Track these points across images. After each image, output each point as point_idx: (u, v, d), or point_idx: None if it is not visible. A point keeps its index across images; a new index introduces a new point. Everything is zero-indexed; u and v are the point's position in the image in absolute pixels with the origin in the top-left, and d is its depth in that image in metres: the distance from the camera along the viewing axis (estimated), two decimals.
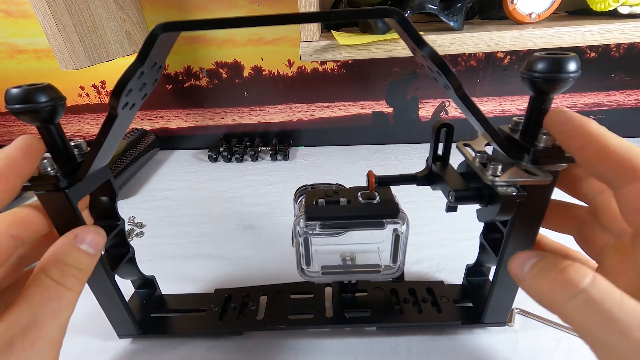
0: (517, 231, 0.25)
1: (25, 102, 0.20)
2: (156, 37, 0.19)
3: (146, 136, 0.71)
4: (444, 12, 0.44)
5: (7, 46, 0.67)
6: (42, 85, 0.21)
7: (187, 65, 0.68)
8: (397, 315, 0.31)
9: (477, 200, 0.24)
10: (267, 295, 0.35)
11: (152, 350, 0.32)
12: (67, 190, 0.22)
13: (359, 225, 0.27)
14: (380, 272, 0.30)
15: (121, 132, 0.24)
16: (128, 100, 0.21)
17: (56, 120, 0.22)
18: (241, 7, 0.60)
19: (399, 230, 0.27)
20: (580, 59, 0.19)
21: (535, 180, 0.21)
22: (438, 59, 0.20)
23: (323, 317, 0.32)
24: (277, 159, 0.69)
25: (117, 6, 0.56)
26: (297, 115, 0.72)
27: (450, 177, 0.25)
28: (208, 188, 0.60)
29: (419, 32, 0.19)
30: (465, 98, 0.20)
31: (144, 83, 0.22)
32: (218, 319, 0.32)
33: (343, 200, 0.27)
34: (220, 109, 0.72)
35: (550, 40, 0.42)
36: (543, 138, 0.21)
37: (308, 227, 0.27)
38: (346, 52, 0.44)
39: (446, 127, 0.26)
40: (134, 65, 0.19)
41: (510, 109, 0.67)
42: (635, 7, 0.43)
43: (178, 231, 0.49)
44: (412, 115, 0.69)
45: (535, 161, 0.21)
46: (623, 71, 0.62)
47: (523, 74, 0.20)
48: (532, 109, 0.21)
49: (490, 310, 0.30)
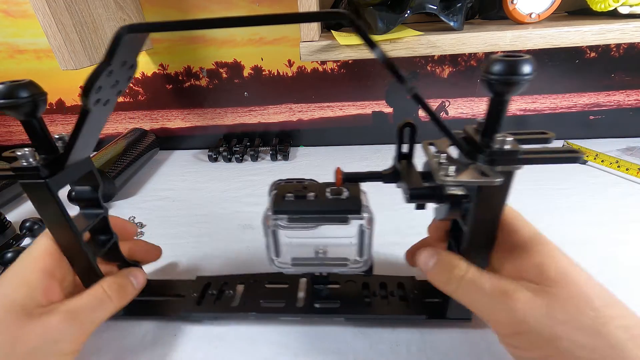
0: (475, 229, 0.25)
1: (7, 97, 0.22)
2: (121, 37, 0.20)
3: (146, 136, 0.71)
4: (444, 12, 0.44)
5: (7, 46, 0.67)
6: (24, 81, 0.23)
7: (187, 65, 0.68)
8: (366, 308, 0.33)
9: (431, 198, 0.25)
10: (244, 283, 0.36)
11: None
12: (48, 180, 0.24)
13: (323, 220, 0.29)
14: (348, 265, 0.31)
15: (98, 125, 0.26)
16: (100, 96, 0.23)
17: (38, 114, 0.24)
18: (241, 8, 0.60)
19: (364, 226, 0.28)
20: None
21: (484, 181, 0.21)
22: (387, 62, 0.20)
23: (294, 306, 0.33)
24: (277, 159, 0.69)
25: (117, 6, 0.56)
26: (297, 115, 0.72)
27: (409, 175, 0.26)
28: (208, 188, 0.60)
29: (370, 36, 0.19)
30: (418, 99, 0.21)
31: (116, 80, 0.23)
32: (196, 304, 0.34)
33: (310, 195, 0.28)
34: (220, 109, 0.72)
35: (550, 40, 0.42)
36: (498, 139, 0.21)
37: (275, 220, 0.29)
38: (346, 52, 0.44)
39: (409, 126, 0.27)
40: (102, 64, 0.21)
41: (510, 109, 0.66)
42: (635, 7, 0.43)
43: (178, 231, 0.49)
44: (412, 116, 0.69)
45: (490, 162, 0.22)
46: (623, 71, 0.62)
47: (481, 76, 0.20)
48: (489, 109, 0.22)
49: (454, 306, 0.30)
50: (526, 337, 0.22)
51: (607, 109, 0.65)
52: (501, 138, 0.21)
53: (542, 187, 0.53)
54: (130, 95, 0.72)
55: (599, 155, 0.56)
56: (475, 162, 0.22)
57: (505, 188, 0.23)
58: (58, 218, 0.26)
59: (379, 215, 0.28)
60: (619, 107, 0.65)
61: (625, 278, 0.36)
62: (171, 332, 0.33)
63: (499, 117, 0.21)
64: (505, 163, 0.21)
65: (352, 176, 0.28)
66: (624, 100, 0.64)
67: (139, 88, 0.71)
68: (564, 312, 0.21)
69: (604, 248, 0.40)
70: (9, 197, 0.57)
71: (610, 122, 0.66)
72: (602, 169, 0.56)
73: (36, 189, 0.24)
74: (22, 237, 0.48)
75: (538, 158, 0.22)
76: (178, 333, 0.33)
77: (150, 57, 0.67)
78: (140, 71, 0.69)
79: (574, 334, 0.20)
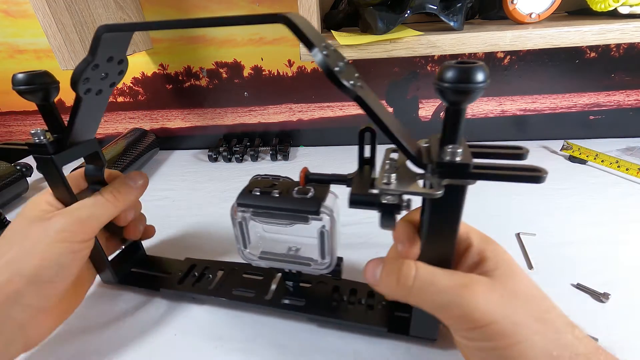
0: (429, 242, 0.24)
1: (27, 84, 0.27)
2: (100, 36, 0.23)
3: (146, 136, 0.71)
4: (444, 12, 0.44)
5: (7, 46, 0.67)
6: (40, 71, 0.28)
7: (187, 65, 0.68)
8: (329, 311, 0.33)
9: (370, 206, 0.23)
10: (225, 270, 0.39)
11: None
12: (53, 156, 0.29)
13: (285, 217, 0.29)
14: (311, 265, 0.32)
15: (96, 112, 0.30)
16: (90, 86, 0.26)
17: (51, 99, 0.29)
18: (241, 7, 0.60)
19: (324, 228, 0.28)
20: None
21: (422, 192, 0.20)
22: (324, 66, 0.19)
23: (262, 298, 0.35)
24: (277, 159, 0.69)
25: (117, 6, 0.56)
26: (297, 115, 0.72)
27: (359, 181, 0.25)
28: (208, 188, 0.60)
29: (308, 38, 0.19)
30: (360, 102, 0.20)
31: (105, 73, 0.27)
32: (177, 282, 0.37)
33: (275, 192, 0.29)
34: (220, 109, 0.72)
35: (551, 40, 0.42)
36: (449, 151, 0.20)
37: (242, 212, 0.30)
38: (346, 52, 0.44)
39: (369, 131, 0.26)
40: (84, 59, 0.24)
41: (510, 109, 0.66)
42: (635, 7, 0.43)
43: (178, 231, 0.49)
44: (412, 115, 0.69)
45: (437, 174, 0.20)
46: (623, 71, 0.62)
47: (433, 83, 0.19)
48: (445, 119, 0.20)
49: (417, 323, 0.29)
50: (488, 328, 0.21)
51: (607, 109, 0.65)
52: (451, 150, 0.20)
53: (542, 187, 0.53)
54: (130, 95, 0.72)
55: (599, 155, 0.56)
56: (425, 172, 0.21)
57: (456, 203, 0.22)
58: (61, 188, 0.30)
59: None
60: (619, 107, 0.65)
61: (625, 278, 0.36)
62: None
63: (456, 127, 0.20)
64: (453, 176, 0.20)
65: (316, 177, 0.28)
66: (624, 100, 0.64)
67: (139, 88, 0.71)
68: (519, 301, 0.22)
69: (604, 248, 0.40)
70: (9, 197, 0.57)
71: (610, 122, 0.66)
72: (602, 169, 0.56)
73: (45, 163, 0.29)
74: None
75: (493, 174, 0.20)
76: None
77: (150, 57, 0.67)
78: (140, 71, 0.69)
79: (529, 322, 0.21)
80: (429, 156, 0.21)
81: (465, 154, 0.20)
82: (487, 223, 0.48)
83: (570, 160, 0.60)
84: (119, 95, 0.73)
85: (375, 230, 0.27)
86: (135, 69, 0.69)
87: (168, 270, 0.39)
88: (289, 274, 0.34)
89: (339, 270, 0.32)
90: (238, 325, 0.34)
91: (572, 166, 0.58)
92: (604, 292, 0.34)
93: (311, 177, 0.28)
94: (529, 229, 0.44)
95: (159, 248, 0.46)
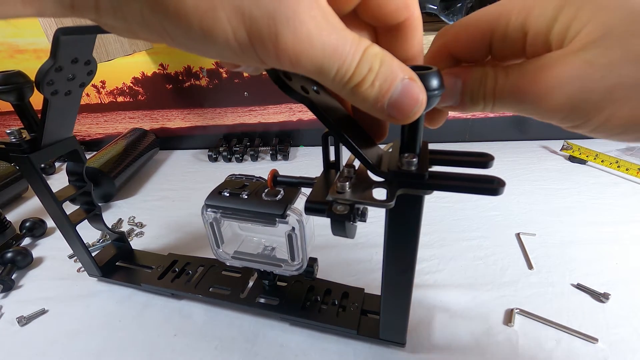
0: (390, 251, 0.24)
1: (1, 84, 0.28)
2: (58, 39, 0.23)
3: (146, 136, 0.71)
4: (444, 12, 0.44)
5: (7, 46, 0.67)
6: (14, 71, 0.28)
7: (187, 65, 0.68)
8: (301, 310, 0.33)
9: (322, 213, 0.22)
10: (205, 266, 0.39)
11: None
12: (29, 155, 0.29)
13: (252, 219, 0.29)
14: (282, 266, 0.31)
15: (69, 111, 0.30)
16: (57, 88, 0.27)
17: (26, 99, 0.30)
18: None
19: (291, 230, 0.28)
20: None
21: (370, 203, 0.19)
22: (269, 71, 0.18)
23: (237, 296, 0.35)
24: (277, 158, 0.69)
25: None
26: (297, 115, 0.72)
27: (321, 186, 0.24)
28: (208, 188, 0.60)
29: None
30: (313, 108, 0.18)
31: (72, 74, 0.27)
32: (157, 278, 0.38)
33: (244, 193, 0.29)
34: (220, 109, 0.72)
35: None
36: (405, 160, 0.19)
37: (213, 213, 0.30)
38: None
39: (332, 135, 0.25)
40: (45, 62, 0.25)
41: None
42: None
43: (178, 231, 0.49)
44: None
45: (392, 183, 0.20)
46: None
47: None
48: (402, 127, 0.19)
49: (386, 326, 0.29)
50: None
51: None
52: (407, 159, 0.19)
53: (542, 187, 0.53)
54: (130, 95, 0.72)
55: (599, 155, 0.56)
56: (382, 181, 0.20)
57: (414, 213, 0.21)
58: (39, 185, 0.31)
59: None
60: None
61: (625, 278, 0.36)
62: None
63: (413, 136, 0.19)
64: (408, 186, 0.19)
65: (284, 180, 0.28)
66: None
67: (139, 88, 0.71)
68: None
69: (604, 248, 0.40)
70: (9, 197, 0.57)
71: None
72: (602, 169, 0.56)
73: (22, 162, 0.30)
74: (22, 237, 0.48)
75: (448, 185, 0.19)
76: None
77: (150, 57, 0.67)
78: (140, 71, 0.69)
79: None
80: (388, 164, 0.20)
81: (422, 163, 0.19)
82: (487, 223, 0.49)
83: (570, 160, 0.60)
84: (119, 95, 0.73)
85: (358, 230, 0.27)
86: (135, 69, 0.69)
87: (151, 265, 0.40)
88: (264, 273, 0.34)
89: (311, 272, 0.32)
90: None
91: (572, 166, 0.58)
92: (604, 292, 0.34)
93: (279, 179, 0.28)
94: (529, 229, 0.44)
95: (157, 247, 0.46)
